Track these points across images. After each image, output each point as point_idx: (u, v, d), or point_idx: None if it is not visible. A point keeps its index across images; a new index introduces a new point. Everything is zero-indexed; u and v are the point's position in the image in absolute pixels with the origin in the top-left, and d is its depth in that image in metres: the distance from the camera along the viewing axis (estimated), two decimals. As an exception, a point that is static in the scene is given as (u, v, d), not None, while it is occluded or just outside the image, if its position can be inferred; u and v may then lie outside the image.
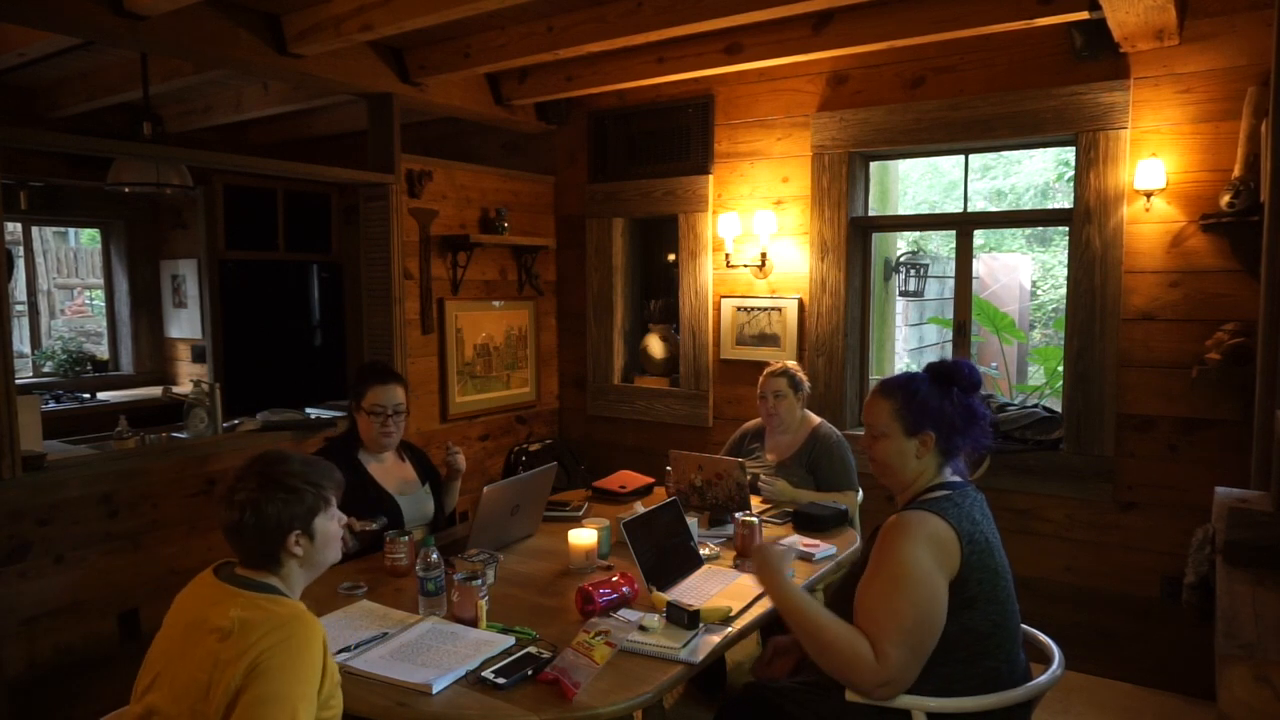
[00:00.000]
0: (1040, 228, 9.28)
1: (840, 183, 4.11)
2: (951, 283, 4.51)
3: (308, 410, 4.12)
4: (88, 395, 5.58)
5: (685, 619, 2.06)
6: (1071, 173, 3.67)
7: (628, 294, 4.98)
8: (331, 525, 1.71)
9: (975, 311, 6.04)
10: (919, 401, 1.92)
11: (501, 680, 1.80)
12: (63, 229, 7.82)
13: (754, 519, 2.64)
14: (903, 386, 1.96)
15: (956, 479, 1.95)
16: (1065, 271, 3.80)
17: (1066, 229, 3.76)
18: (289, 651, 1.50)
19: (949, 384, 1.94)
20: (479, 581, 2.10)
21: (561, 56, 3.80)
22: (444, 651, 1.93)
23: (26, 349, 6.23)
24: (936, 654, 1.78)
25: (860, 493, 3.34)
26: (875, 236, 4.33)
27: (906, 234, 6.38)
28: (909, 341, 7.17)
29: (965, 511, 1.84)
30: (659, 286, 4.98)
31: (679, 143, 4.59)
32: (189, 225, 5.82)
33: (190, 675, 1.52)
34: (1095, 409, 3.56)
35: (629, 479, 3.49)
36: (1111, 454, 3.54)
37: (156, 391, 5.76)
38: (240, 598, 1.58)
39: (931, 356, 7.38)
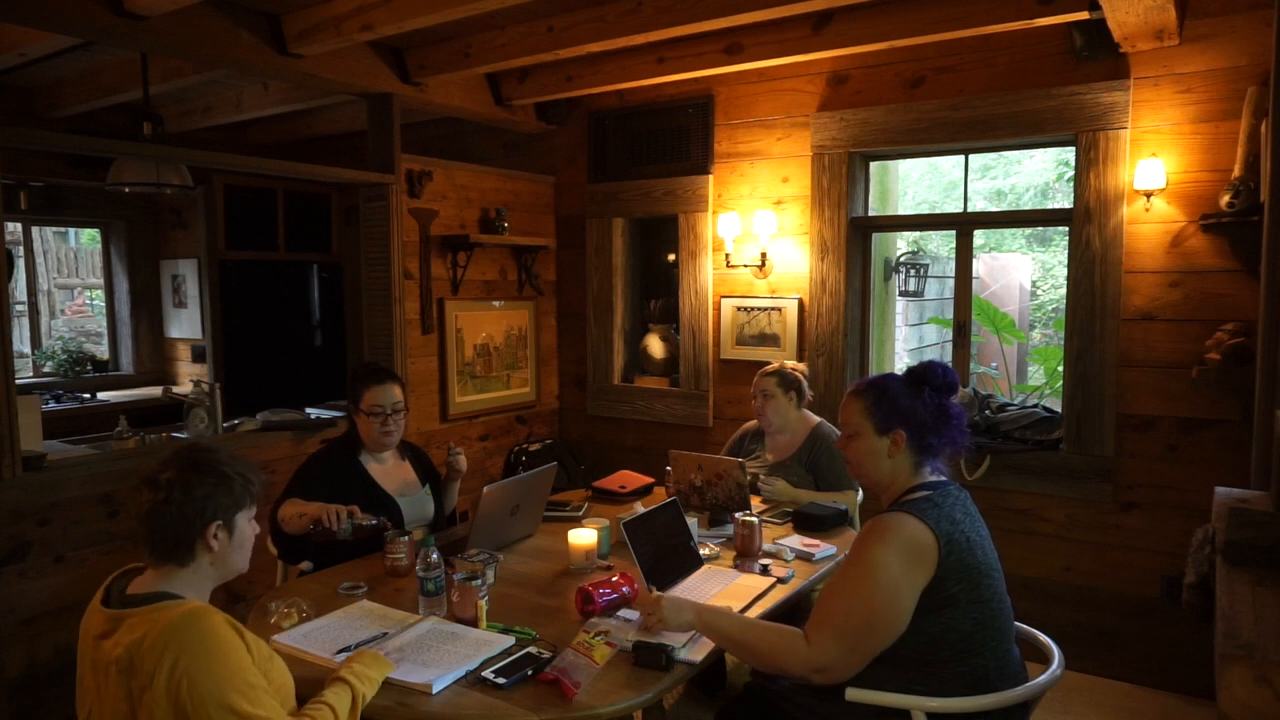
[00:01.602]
0: (1040, 228, 9.28)
1: (840, 183, 4.11)
2: (951, 283, 4.51)
3: (308, 410, 4.13)
4: (88, 395, 5.58)
5: (662, 660, 1.88)
6: (1071, 173, 3.67)
7: (628, 294, 4.98)
8: (250, 528, 1.66)
9: (975, 311, 6.04)
10: (889, 400, 1.94)
11: (501, 680, 1.80)
12: (63, 229, 7.83)
13: (754, 519, 2.64)
14: (873, 386, 1.99)
15: (938, 478, 1.95)
16: (1065, 271, 3.80)
17: (1066, 229, 3.76)
18: (197, 651, 1.44)
19: (921, 384, 1.95)
20: (479, 581, 2.10)
21: (561, 56, 3.80)
22: (444, 651, 1.93)
23: (26, 349, 6.23)
24: (923, 654, 1.78)
25: (860, 492, 3.34)
26: (875, 236, 4.33)
27: (906, 234, 6.37)
28: (909, 341, 7.15)
29: (945, 512, 1.84)
30: (659, 286, 4.98)
31: (679, 143, 4.59)
32: (189, 225, 5.84)
33: (114, 713, 1.49)
34: (1095, 409, 3.56)
35: (629, 479, 3.49)
36: (1111, 454, 3.54)
37: (156, 391, 5.77)
38: (125, 620, 1.50)
39: (932, 356, 7.38)
